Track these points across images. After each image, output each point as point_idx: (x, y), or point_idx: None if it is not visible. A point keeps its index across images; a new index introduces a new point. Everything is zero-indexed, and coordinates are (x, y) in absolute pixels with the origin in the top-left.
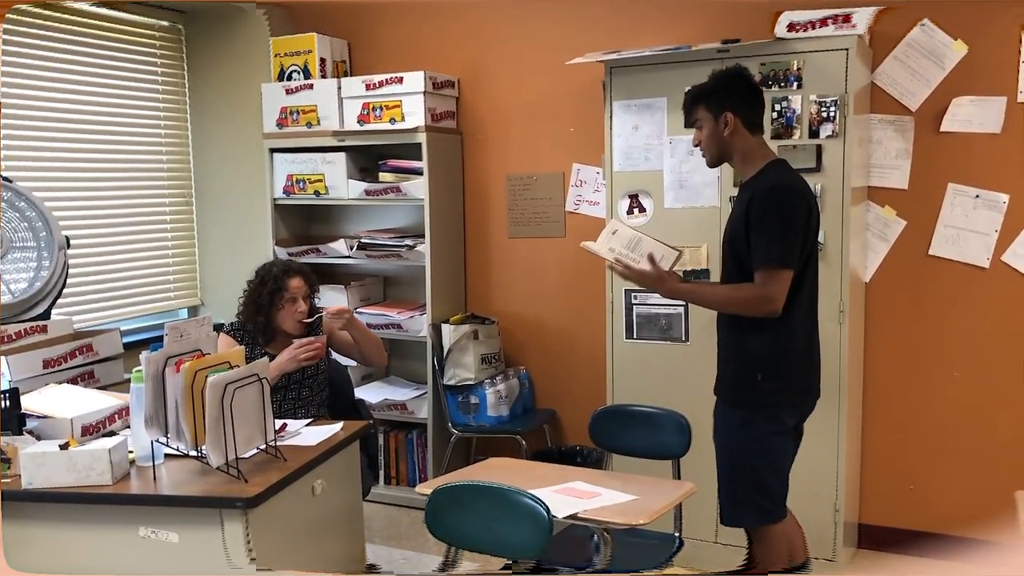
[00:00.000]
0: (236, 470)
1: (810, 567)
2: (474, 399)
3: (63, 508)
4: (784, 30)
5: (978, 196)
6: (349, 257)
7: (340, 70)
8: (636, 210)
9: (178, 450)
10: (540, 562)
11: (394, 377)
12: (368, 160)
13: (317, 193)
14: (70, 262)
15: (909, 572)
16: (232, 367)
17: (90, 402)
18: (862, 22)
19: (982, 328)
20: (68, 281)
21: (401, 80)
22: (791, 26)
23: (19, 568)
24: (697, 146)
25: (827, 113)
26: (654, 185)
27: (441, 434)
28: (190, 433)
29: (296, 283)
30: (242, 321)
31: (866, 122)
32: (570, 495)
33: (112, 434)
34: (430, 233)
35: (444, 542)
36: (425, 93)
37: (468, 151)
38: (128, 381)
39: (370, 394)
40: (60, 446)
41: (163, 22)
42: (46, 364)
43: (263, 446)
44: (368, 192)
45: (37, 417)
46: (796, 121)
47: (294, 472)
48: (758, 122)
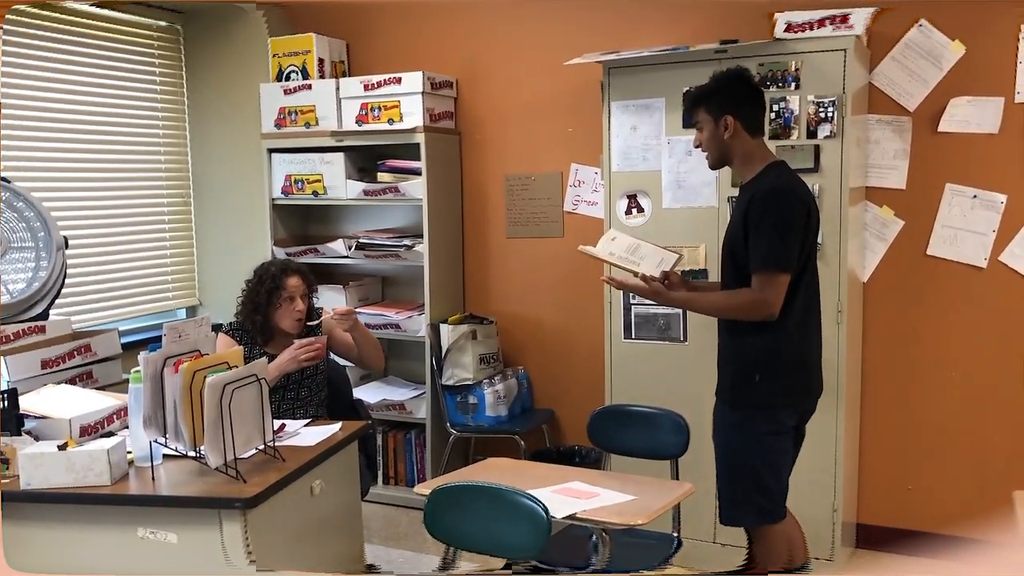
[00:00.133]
0: (235, 470)
1: (810, 567)
2: (472, 399)
3: (61, 508)
4: (782, 31)
5: (976, 196)
6: (347, 257)
7: (338, 70)
8: (634, 210)
9: (176, 450)
10: (539, 562)
11: (392, 377)
12: (366, 160)
13: (315, 193)
14: (68, 262)
15: (907, 572)
16: (230, 367)
17: (88, 402)
18: (860, 23)
19: (980, 328)
20: (66, 281)
21: (399, 80)
22: (789, 27)
23: (18, 568)
24: (698, 147)
25: (825, 113)
26: (652, 185)
27: (439, 434)
28: (188, 433)
29: (294, 282)
30: (240, 321)
31: (864, 122)
32: (568, 495)
33: (110, 434)
34: (428, 233)
35: (443, 542)
36: (423, 93)
37: (466, 151)
38: (126, 381)
39: (368, 394)
40: (58, 447)
41: (161, 22)
42: (44, 364)
43: (262, 446)
44: (366, 192)
45: (35, 417)
46: (794, 121)
47: (293, 472)
48: (758, 124)
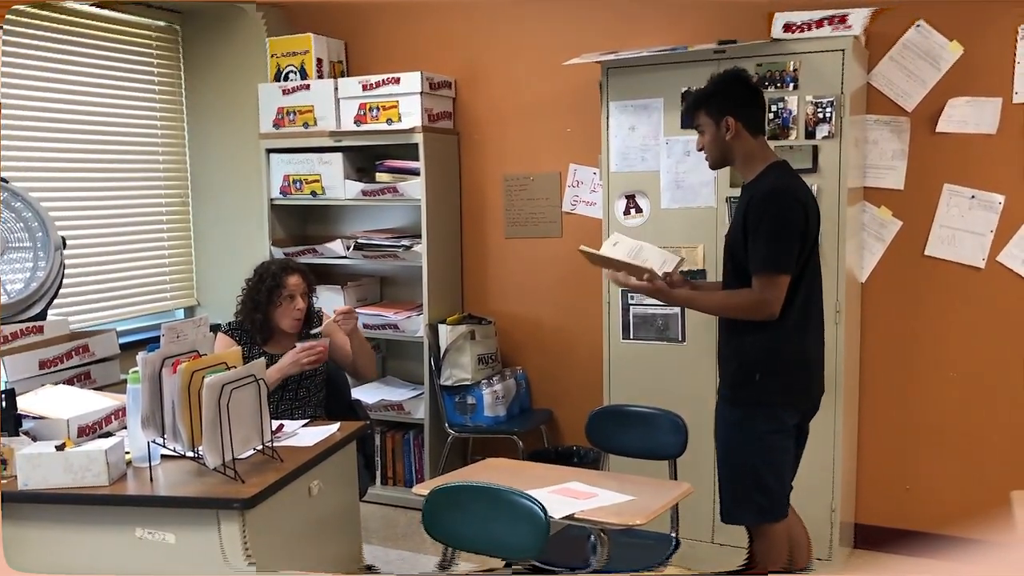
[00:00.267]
0: (233, 471)
1: (812, 568)
2: (471, 399)
3: (59, 509)
4: (780, 31)
5: (974, 197)
6: (346, 257)
7: (337, 70)
8: (633, 210)
9: (175, 451)
10: (537, 562)
11: (391, 377)
12: (365, 160)
13: (314, 193)
14: (66, 262)
15: (905, 572)
16: (229, 368)
17: (86, 403)
18: (858, 23)
19: (978, 328)
20: (64, 281)
21: (398, 80)
22: (787, 27)
23: (17, 568)
24: (700, 150)
25: (823, 114)
26: (651, 185)
27: (438, 434)
28: (187, 434)
29: (294, 281)
30: (240, 321)
31: (862, 123)
32: (567, 495)
33: (108, 435)
34: (427, 233)
35: (441, 543)
36: (422, 94)
37: (465, 151)
38: (124, 382)
39: (367, 394)
40: (56, 447)
41: (159, 22)
42: (42, 365)
43: (260, 447)
44: (365, 192)
45: (33, 418)
46: (792, 122)
47: (291, 473)
48: (759, 124)
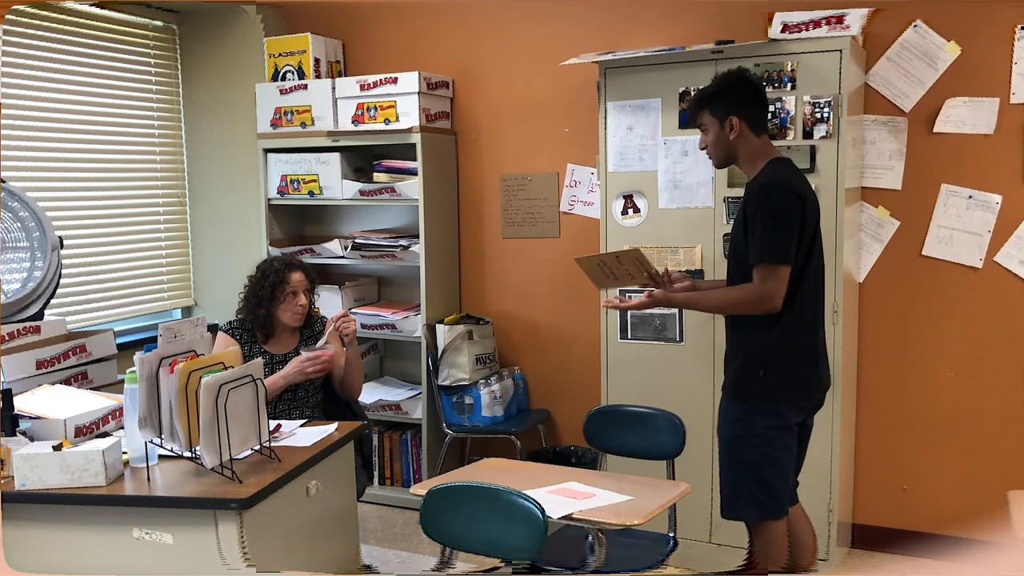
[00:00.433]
0: (230, 471)
1: (816, 569)
2: (468, 399)
3: (56, 509)
4: (778, 31)
5: (971, 197)
6: (343, 257)
7: (334, 70)
8: (630, 210)
9: (172, 451)
10: (535, 562)
11: (388, 377)
12: (362, 160)
13: (311, 193)
14: (63, 262)
15: (902, 572)
16: (226, 368)
17: (84, 403)
18: (855, 23)
19: (975, 328)
20: (61, 281)
21: (396, 80)
22: (785, 27)
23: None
24: (703, 150)
25: (821, 114)
26: (648, 185)
27: (435, 435)
28: (184, 434)
29: (297, 277)
30: (241, 318)
31: (860, 123)
32: (565, 496)
33: (106, 435)
34: (424, 233)
35: (439, 543)
36: (420, 93)
37: (463, 151)
38: (122, 382)
39: (365, 395)
40: (53, 447)
41: (157, 22)
42: (39, 365)
43: (257, 447)
44: (362, 192)
45: (30, 418)
46: (790, 122)
47: (288, 473)
48: (762, 123)
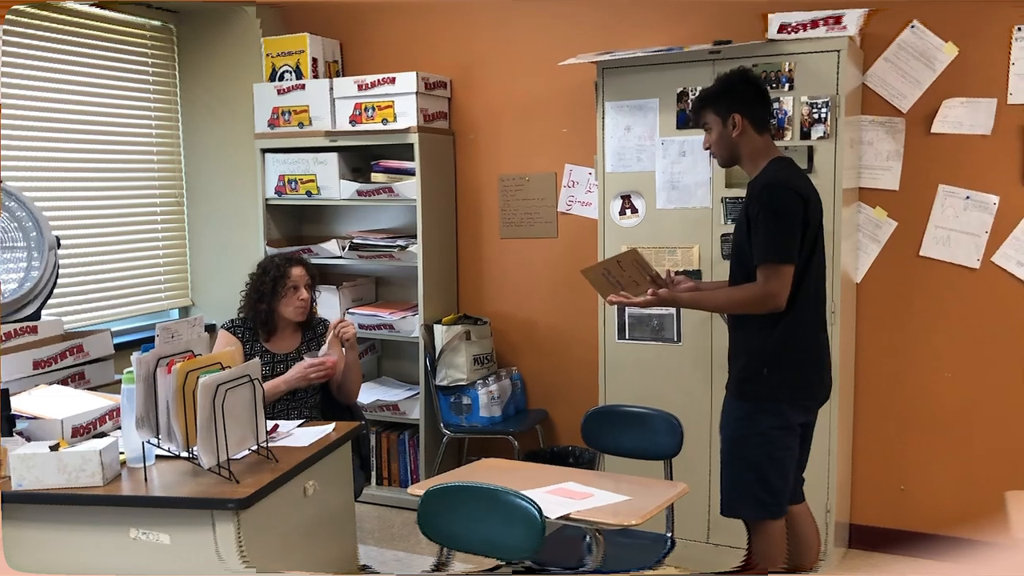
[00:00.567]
0: (228, 471)
1: (818, 569)
2: (466, 400)
3: (53, 509)
4: (775, 32)
5: (968, 197)
6: (341, 258)
7: (332, 70)
8: (628, 211)
9: (169, 451)
10: (532, 562)
11: (386, 378)
12: (360, 160)
13: (309, 193)
14: (60, 262)
15: (899, 572)
16: (224, 368)
17: (80, 403)
18: (853, 24)
19: (972, 329)
20: (59, 281)
21: (393, 80)
22: (782, 28)
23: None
24: (707, 149)
25: (818, 114)
26: (646, 186)
27: (433, 435)
28: (181, 434)
29: (298, 271)
30: (243, 317)
31: (857, 123)
32: (562, 496)
33: (103, 435)
34: (422, 233)
35: (436, 543)
36: (417, 94)
37: (460, 151)
38: (119, 382)
39: (362, 395)
40: (50, 447)
41: (155, 22)
42: (36, 365)
43: (255, 447)
44: (360, 192)
45: (27, 418)
46: (788, 122)
47: (286, 473)
48: (765, 122)
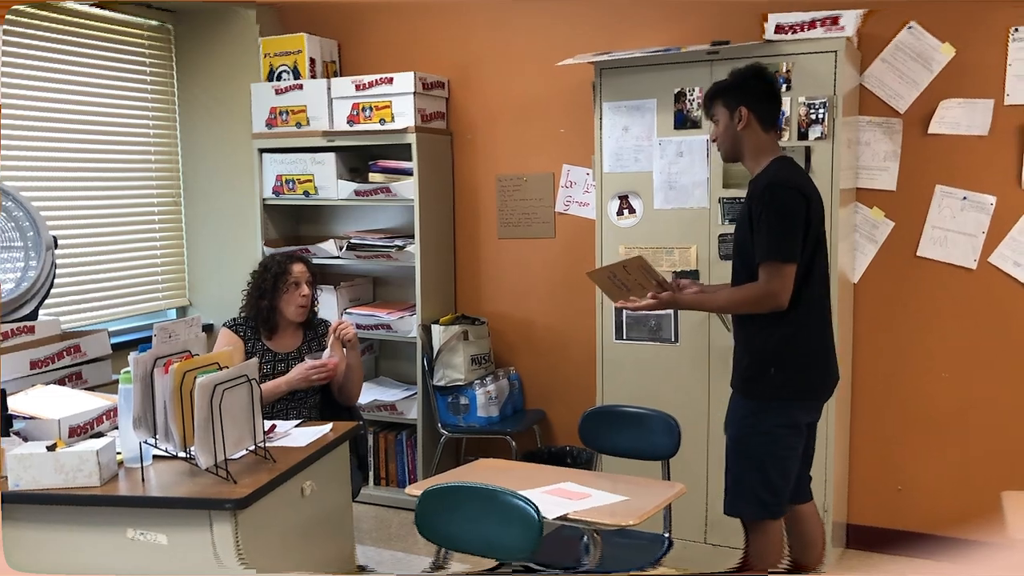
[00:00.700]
0: (225, 471)
1: (823, 569)
2: (464, 400)
3: (50, 510)
4: (773, 32)
5: (965, 198)
6: (338, 257)
7: (330, 70)
8: (626, 211)
9: (166, 451)
10: (530, 563)
11: (384, 378)
12: (358, 160)
13: (306, 193)
14: (58, 262)
15: (896, 572)
16: (221, 368)
17: (78, 403)
18: (850, 24)
19: (969, 329)
20: (56, 281)
21: (391, 81)
22: (780, 28)
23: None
24: (714, 142)
25: (816, 115)
26: (644, 186)
27: (431, 435)
28: (179, 434)
29: (299, 268)
30: (245, 316)
31: (854, 124)
32: (560, 496)
33: (100, 435)
34: (420, 233)
35: (434, 543)
36: (415, 94)
37: (458, 152)
38: (116, 382)
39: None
40: (47, 447)
41: (152, 21)
42: (33, 365)
43: (252, 447)
44: (358, 192)
45: (24, 418)
46: (785, 123)
47: (283, 473)
48: (772, 120)
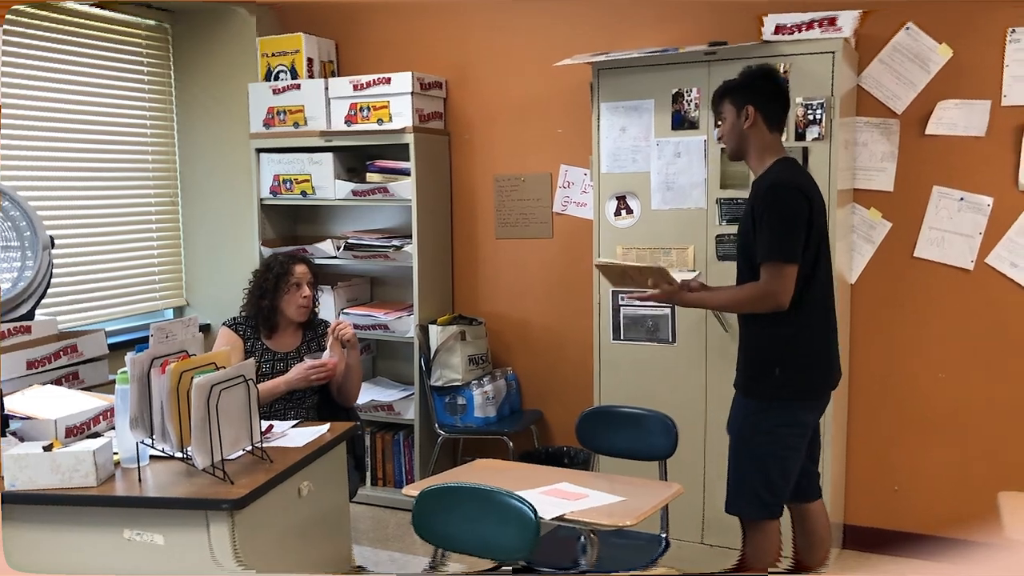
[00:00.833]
0: (222, 472)
1: (825, 569)
2: (461, 400)
3: (47, 510)
4: (770, 33)
5: (962, 199)
6: (336, 258)
7: (327, 70)
8: (623, 211)
9: (163, 452)
10: (527, 563)
11: (381, 378)
12: (355, 160)
13: (304, 193)
14: (55, 262)
15: (893, 572)
16: (218, 368)
17: (74, 403)
18: (847, 25)
19: (966, 330)
20: (53, 281)
21: (389, 81)
22: (777, 29)
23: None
24: (719, 140)
25: (813, 116)
26: (641, 187)
27: (428, 435)
28: (176, 434)
29: (301, 269)
30: (245, 315)
31: (852, 125)
32: (557, 496)
33: (97, 435)
34: (417, 234)
35: (431, 544)
36: (413, 94)
37: (456, 152)
38: (113, 382)
39: None
40: (44, 448)
41: (150, 21)
42: (30, 365)
43: (249, 447)
44: (355, 192)
45: (21, 418)
46: None
47: (280, 474)
48: (778, 120)
